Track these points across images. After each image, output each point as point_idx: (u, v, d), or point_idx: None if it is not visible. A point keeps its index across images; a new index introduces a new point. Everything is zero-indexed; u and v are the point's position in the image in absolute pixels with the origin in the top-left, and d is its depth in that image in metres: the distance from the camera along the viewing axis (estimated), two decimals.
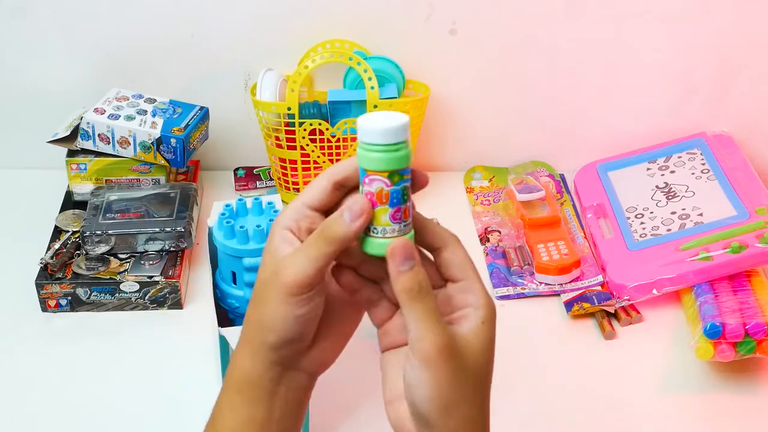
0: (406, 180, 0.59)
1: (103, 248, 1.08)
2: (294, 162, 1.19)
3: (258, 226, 0.87)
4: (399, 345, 0.62)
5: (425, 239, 0.62)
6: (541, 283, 1.11)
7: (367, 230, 0.59)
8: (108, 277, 1.06)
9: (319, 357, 0.63)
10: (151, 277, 1.06)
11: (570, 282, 1.10)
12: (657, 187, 1.20)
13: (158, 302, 1.07)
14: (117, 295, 1.06)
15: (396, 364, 0.61)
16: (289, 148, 1.19)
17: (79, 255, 1.10)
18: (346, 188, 0.61)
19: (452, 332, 0.58)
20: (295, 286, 0.58)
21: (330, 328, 0.63)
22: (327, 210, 0.61)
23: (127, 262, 1.08)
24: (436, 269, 0.61)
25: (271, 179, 1.28)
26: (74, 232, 1.13)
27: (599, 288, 1.09)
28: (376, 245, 0.59)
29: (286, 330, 0.59)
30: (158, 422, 0.93)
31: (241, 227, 0.87)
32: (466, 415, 0.58)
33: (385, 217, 0.59)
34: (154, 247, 1.09)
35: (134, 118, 1.17)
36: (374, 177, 0.58)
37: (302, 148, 1.18)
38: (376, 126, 0.57)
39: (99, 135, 1.17)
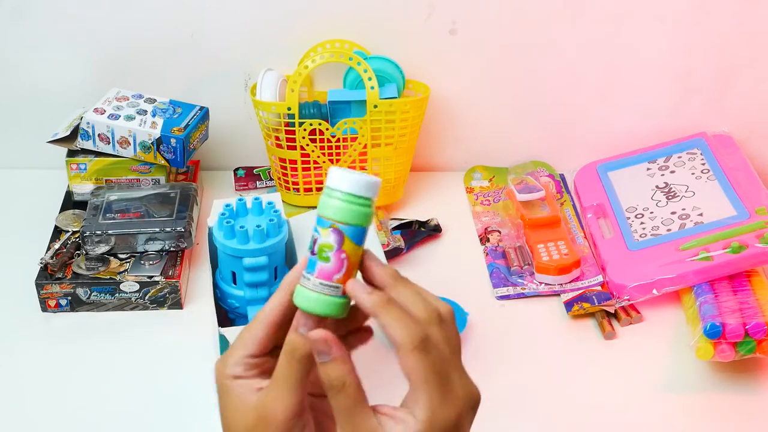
0: (342, 240, 0.56)
1: (103, 248, 1.08)
2: (294, 162, 1.19)
3: (258, 226, 0.87)
4: None
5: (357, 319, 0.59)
6: (541, 283, 1.11)
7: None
8: (108, 277, 1.06)
9: None
10: (151, 277, 1.06)
11: (570, 282, 1.10)
12: (657, 187, 1.20)
13: (158, 302, 1.07)
14: (117, 295, 1.06)
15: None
16: (289, 148, 1.19)
17: (79, 255, 1.10)
18: (283, 328, 0.58)
19: (381, 429, 0.55)
20: (289, 420, 0.56)
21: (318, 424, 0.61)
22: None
23: (127, 262, 1.08)
24: None
25: (271, 179, 1.28)
26: (74, 232, 1.13)
27: (599, 288, 1.09)
28: (301, 296, 0.57)
29: None
30: (158, 422, 0.93)
31: (241, 227, 0.87)
32: None
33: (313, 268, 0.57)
34: (154, 247, 1.09)
35: (134, 118, 1.17)
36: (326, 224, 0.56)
37: (302, 148, 1.18)
38: (347, 175, 0.56)
39: (99, 135, 1.17)
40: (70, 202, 1.19)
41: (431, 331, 0.56)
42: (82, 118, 1.17)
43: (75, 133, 1.17)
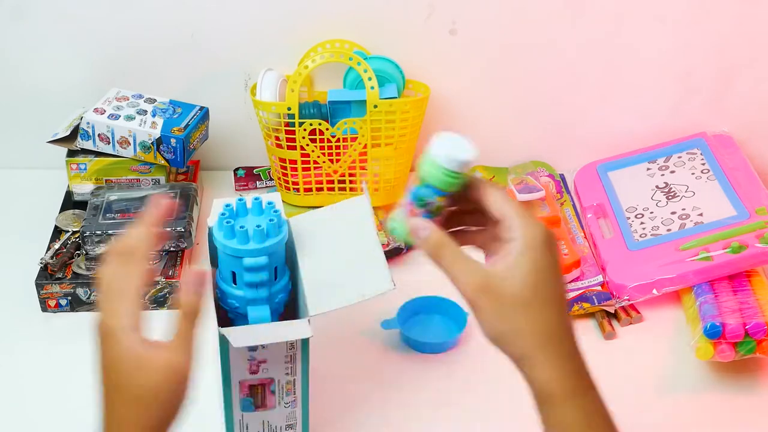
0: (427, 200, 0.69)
1: (103, 248, 1.08)
2: (294, 162, 1.19)
3: (258, 226, 0.87)
4: None
5: (466, 194, 0.68)
6: None
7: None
8: None
9: None
10: None
11: (570, 282, 1.10)
12: (657, 187, 1.20)
13: (158, 302, 1.07)
14: None
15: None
16: (289, 148, 1.19)
17: (79, 255, 1.10)
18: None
19: (486, 270, 0.65)
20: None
21: None
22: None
23: None
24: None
25: (271, 179, 1.28)
26: (74, 232, 1.13)
27: (599, 288, 1.09)
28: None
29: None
30: None
31: (241, 227, 0.87)
32: (523, 343, 0.65)
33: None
34: None
35: (134, 118, 1.17)
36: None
37: (302, 148, 1.18)
38: (452, 153, 0.67)
39: (99, 135, 1.17)
40: (70, 202, 1.19)
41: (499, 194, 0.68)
42: (82, 118, 1.17)
43: (75, 133, 1.17)
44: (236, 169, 1.29)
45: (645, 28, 1.22)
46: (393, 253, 1.13)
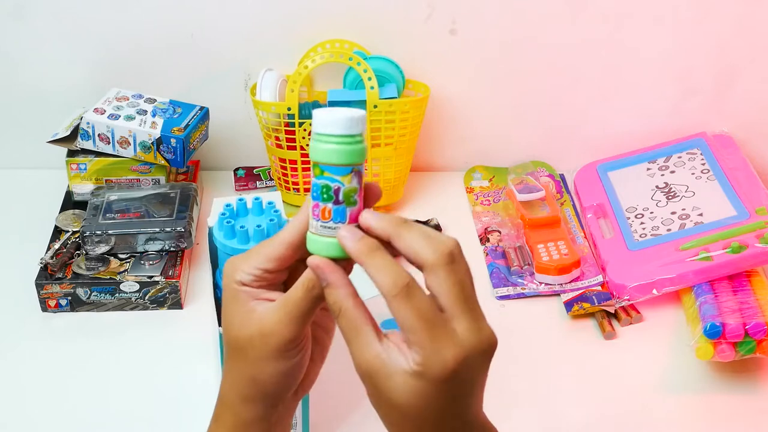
0: (335, 179, 0.58)
1: (103, 248, 1.08)
2: (294, 162, 1.19)
3: (258, 226, 0.87)
4: None
5: (403, 255, 0.57)
6: (541, 283, 1.11)
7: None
8: (108, 277, 1.06)
9: (308, 381, 0.65)
10: (151, 277, 1.06)
11: (570, 282, 1.10)
12: (657, 187, 1.20)
13: (158, 302, 1.07)
14: (117, 295, 1.06)
15: None
16: (289, 148, 1.19)
17: (79, 255, 1.10)
18: (300, 250, 0.60)
19: (373, 357, 0.56)
20: (288, 344, 0.59)
21: (313, 354, 0.64)
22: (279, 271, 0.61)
23: (127, 262, 1.08)
24: None
25: (271, 179, 1.28)
26: (74, 232, 1.13)
27: (599, 288, 1.09)
28: (324, 245, 0.59)
29: (284, 381, 0.61)
30: (158, 422, 0.93)
31: (241, 227, 0.87)
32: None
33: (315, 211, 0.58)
34: (154, 247, 1.09)
35: (134, 118, 1.17)
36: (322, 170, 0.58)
37: (302, 148, 1.18)
38: (332, 116, 0.57)
39: (99, 135, 1.17)
40: (70, 202, 1.19)
41: (456, 251, 0.55)
42: (82, 118, 1.17)
43: (75, 133, 1.17)
44: (236, 169, 1.29)
45: (645, 28, 1.22)
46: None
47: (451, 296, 0.54)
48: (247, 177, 1.28)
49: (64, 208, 1.18)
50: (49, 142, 1.17)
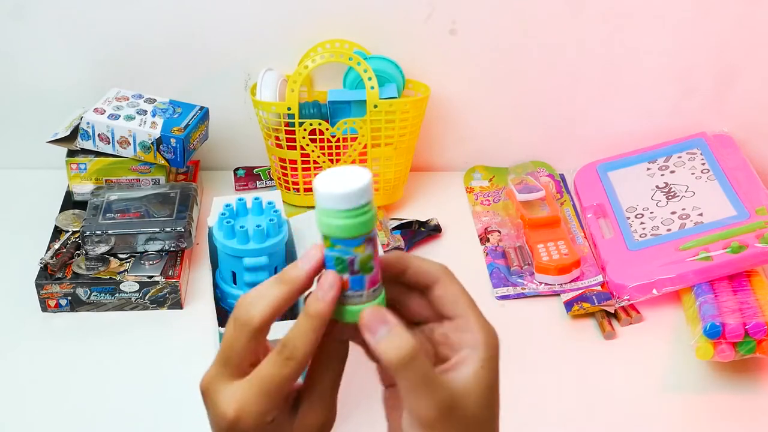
0: (349, 251, 0.54)
1: (103, 248, 1.08)
2: (294, 162, 1.19)
3: (258, 226, 0.87)
4: None
5: (411, 279, 0.57)
6: (541, 283, 1.11)
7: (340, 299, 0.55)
8: (108, 277, 1.06)
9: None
10: (151, 277, 1.06)
11: (570, 282, 1.10)
12: (657, 187, 1.20)
13: (158, 302, 1.07)
14: (117, 295, 1.06)
15: (398, 406, 0.56)
16: (289, 148, 1.19)
17: (79, 255, 1.10)
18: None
19: (449, 387, 0.53)
20: (267, 421, 0.55)
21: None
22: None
23: (127, 262, 1.08)
24: (428, 304, 0.57)
25: (271, 179, 1.28)
26: (74, 232, 1.13)
27: (599, 288, 1.09)
28: (348, 313, 0.55)
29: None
30: (158, 422, 0.93)
31: (241, 227, 0.87)
32: None
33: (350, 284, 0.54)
34: (154, 247, 1.09)
35: (134, 118, 1.17)
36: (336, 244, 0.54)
37: (302, 148, 1.18)
38: (335, 190, 0.52)
39: (99, 135, 1.17)
40: (70, 202, 1.19)
41: (450, 283, 0.57)
42: (82, 118, 1.17)
43: (75, 133, 1.17)
44: (236, 169, 1.29)
45: (645, 28, 1.22)
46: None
47: (466, 298, 0.56)
48: (247, 177, 1.28)
49: (64, 208, 1.18)
50: (49, 142, 1.17)
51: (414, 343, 0.52)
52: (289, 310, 0.57)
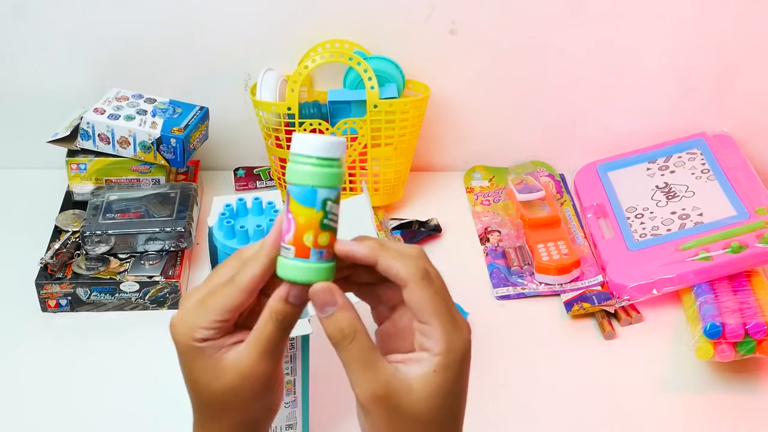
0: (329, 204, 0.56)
1: (103, 248, 1.08)
2: None
3: (258, 226, 0.87)
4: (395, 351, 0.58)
5: (381, 275, 0.56)
6: (541, 283, 1.11)
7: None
8: (108, 277, 1.06)
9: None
10: (151, 277, 1.06)
11: (570, 282, 1.10)
12: (657, 187, 1.20)
13: (158, 302, 1.07)
14: (117, 295, 1.06)
15: None
16: (289, 147, 1.19)
17: (79, 255, 1.10)
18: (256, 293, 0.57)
19: (389, 375, 0.54)
20: (270, 381, 0.57)
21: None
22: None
23: (127, 262, 1.08)
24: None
25: (271, 179, 1.28)
26: (74, 232, 1.13)
27: (599, 288, 1.09)
28: (286, 267, 0.55)
29: (270, 413, 0.60)
30: (158, 422, 0.93)
31: (241, 227, 0.87)
32: None
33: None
34: (154, 247, 1.09)
35: (134, 118, 1.17)
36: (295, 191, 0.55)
37: None
38: (310, 139, 0.55)
39: (99, 135, 1.17)
40: (70, 202, 1.19)
41: (427, 264, 0.56)
42: (82, 118, 1.17)
43: (75, 133, 1.17)
44: (236, 169, 1.29)
45: (645, 28, 1.22)
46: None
47: (432, 305, 0.55)
48: (247, 177, 1.28)
49: (64, 208, 1.18)
50: (49, 142, 1.17)
51: (356, 326, 0.54)
52: None
